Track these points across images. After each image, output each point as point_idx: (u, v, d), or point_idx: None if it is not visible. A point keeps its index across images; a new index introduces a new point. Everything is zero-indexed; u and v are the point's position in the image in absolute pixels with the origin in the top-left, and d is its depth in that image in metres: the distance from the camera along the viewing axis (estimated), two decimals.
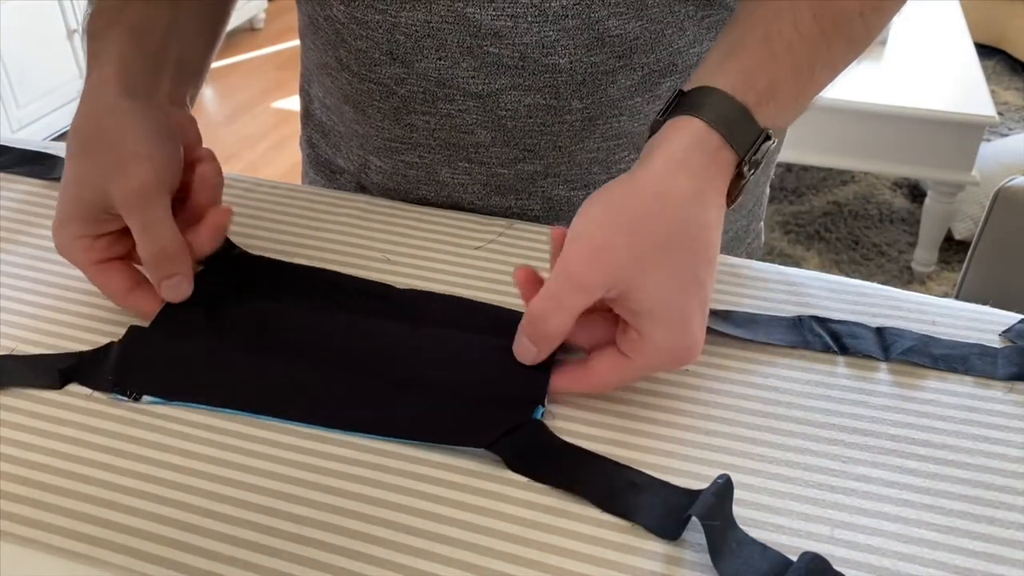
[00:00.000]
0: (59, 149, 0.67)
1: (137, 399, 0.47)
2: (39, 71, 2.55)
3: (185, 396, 0.46)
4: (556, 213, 0.64)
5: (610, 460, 0.43)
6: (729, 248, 0.72)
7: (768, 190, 0.75)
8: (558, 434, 0.45)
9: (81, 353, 0.49)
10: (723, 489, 0.40)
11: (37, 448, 0.44)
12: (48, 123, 2.61)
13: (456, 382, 0.47)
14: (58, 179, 0.63)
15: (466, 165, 0.62)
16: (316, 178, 0.74)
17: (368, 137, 0.65)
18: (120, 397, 0.47)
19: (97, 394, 0.47)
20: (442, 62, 0.57)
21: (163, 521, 0.40)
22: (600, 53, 0.56)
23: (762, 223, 0.76)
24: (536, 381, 0.46)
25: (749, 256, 0.75)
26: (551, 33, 0.55)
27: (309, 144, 0.74)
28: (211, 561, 0.38)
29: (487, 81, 0.58)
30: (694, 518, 0.39)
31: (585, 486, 0.42)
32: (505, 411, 0.45)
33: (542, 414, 0.45)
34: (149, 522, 0.40)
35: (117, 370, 0.48)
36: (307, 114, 0.73)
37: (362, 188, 0.70)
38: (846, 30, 0.48)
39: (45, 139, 2.27)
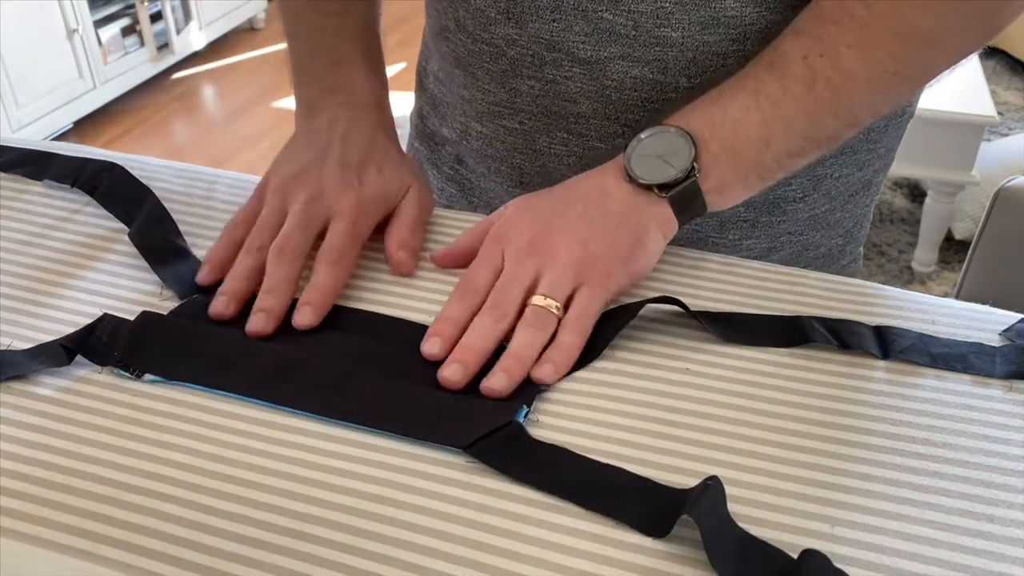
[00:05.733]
0: (58, 149, 0.67)
1: (139, 376, 0.47)
2: (39, 71, 2.55)
3: (184, 377, 0.47)
4: None
5: (592, 459, 0.43)
6: (820, 265, 0.70)
7: (871, 214, 0.73)
8: (556, 432, 0.45)
9: (81, 330, 0.49)
10: (715, 491, 0.40)
11: (39, 445, 0.44)
12: (48, 123, 2.61)
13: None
14: (56, 179, 0.63)
15: (564, 136, 0.63)
16: (420, 148, 0.76)
17: (473, 102, 0.66)
18: (123, 373, 0.47)
19: (99, 392, 0.47)
20: (555, 24, 0.58)
21: (166, 518, 0.40)
22: (714, 33, 0.56)
23: (861, 248, 0.74)
24: (528, 390, 0.47)
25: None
26: (667, 4, 0.55)
27: (419, 115, 0.76)
28: (214, 558, 0.39)
29: (597, 48, 0.58)
30: (686, 517, 0.39)
31: (567, 486, 0.42)
32: (489, 411, 0.45)
33: (526, 414, 0.46)
34: (152, 519, 0.40)
35: (125, 349, 0.48)
36: (421, 87, 0.75)
37: (460, 160, 0.72)
38: (782, 67, 0.53)
39: (45, 139, 2.28)
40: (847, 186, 0.66)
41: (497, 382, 0.47)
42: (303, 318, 0.51)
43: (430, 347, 0.49)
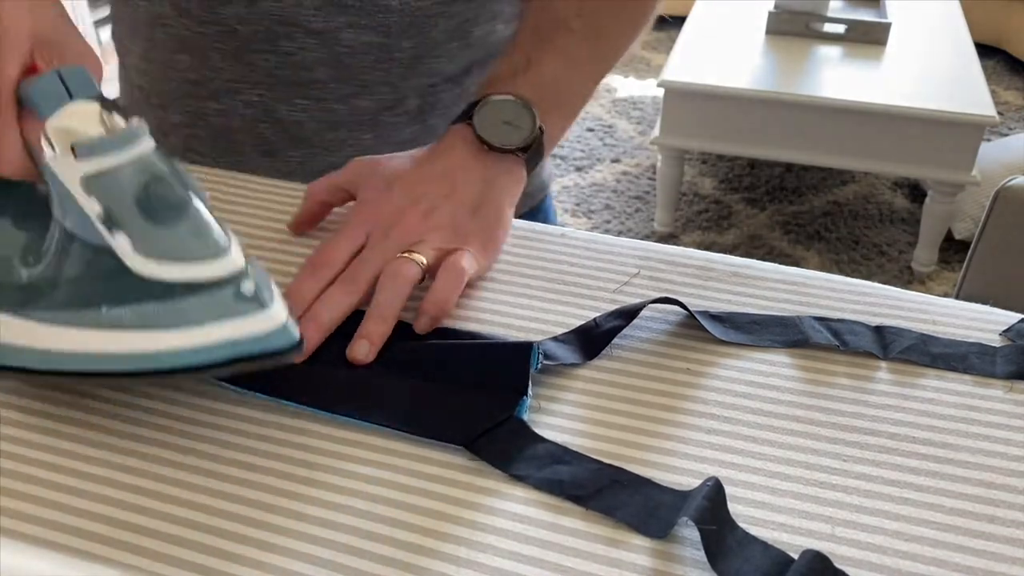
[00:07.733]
0: None
1: None
2: None
3: None
4: (385, 140, 0.72)
5: (592, 459, 0.43)
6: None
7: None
8: (557, 432, 0.45)
9: None
10: (715, 492, 0.40)
11: (39, 445, 0.44)
12: None
13: (441, 371, 0.48)
14: None
15: (304, 103, 0.69)
16: None
17: (205, 83, 0.69)
18: None
19: (99, 392, 0.47)
20: (285, 1, 0.64)
21: (167, 519, 0.40)
22: None
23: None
24: (520, 372, 0.46)
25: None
26: None
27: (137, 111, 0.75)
28: (215, 559, 0.39)
29: (327, 19, 0.65)
30: (687, 520, 0.39)
31: (567, 485, 0.42)
32: (489, 405, 0.45)
33: (528, 405, 0.45)
34: (153, 520, 0.40)
35: None
36: (128, 83, 0.75)
37: (189, 148, 0.72)
38: (564, 24, 0.62)
39: None
40: None
41: (359, 350, 0.48)
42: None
43: None
